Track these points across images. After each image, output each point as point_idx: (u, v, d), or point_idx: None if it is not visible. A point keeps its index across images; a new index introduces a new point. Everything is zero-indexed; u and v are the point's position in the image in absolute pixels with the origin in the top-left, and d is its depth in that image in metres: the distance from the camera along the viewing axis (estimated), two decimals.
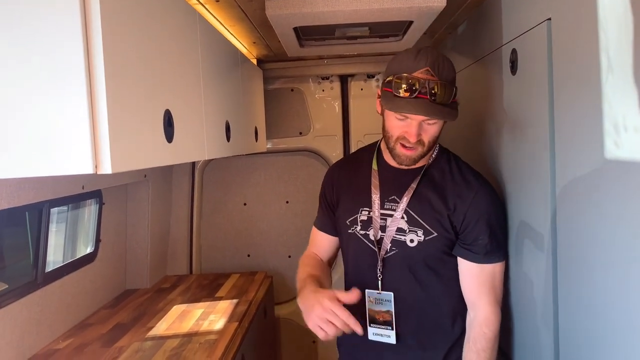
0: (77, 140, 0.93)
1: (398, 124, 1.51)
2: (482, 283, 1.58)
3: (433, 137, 1.53)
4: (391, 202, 1.63)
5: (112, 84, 0.96)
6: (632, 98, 0.98)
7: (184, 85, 1.43)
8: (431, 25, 2.21)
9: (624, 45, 1.00)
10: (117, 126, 0.97)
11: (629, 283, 1.01)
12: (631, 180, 0.99)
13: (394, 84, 1.45)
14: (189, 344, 2.06)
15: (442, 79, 1.44)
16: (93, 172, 0.93)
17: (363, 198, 1.67)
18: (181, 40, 1.44)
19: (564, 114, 1.28)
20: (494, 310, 1.58)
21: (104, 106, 0.93)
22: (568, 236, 1.29)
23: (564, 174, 1.30)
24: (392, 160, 1.64)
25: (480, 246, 1.56)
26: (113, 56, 0.97)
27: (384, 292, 1.63)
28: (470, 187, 1.59)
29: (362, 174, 1.72)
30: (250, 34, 2.34)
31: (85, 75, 0.93)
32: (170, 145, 1.27)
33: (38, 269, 2.03)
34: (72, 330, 2.25)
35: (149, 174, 2.74)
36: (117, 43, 1.00)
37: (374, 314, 1.65)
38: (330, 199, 1.80)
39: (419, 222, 1.58)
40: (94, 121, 0.93)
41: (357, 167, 1.76)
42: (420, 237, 1.58)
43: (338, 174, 1.81)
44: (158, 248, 3.01)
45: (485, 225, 1.56)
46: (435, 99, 1.42)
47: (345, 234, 1.72)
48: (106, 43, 0.95)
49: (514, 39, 1.59)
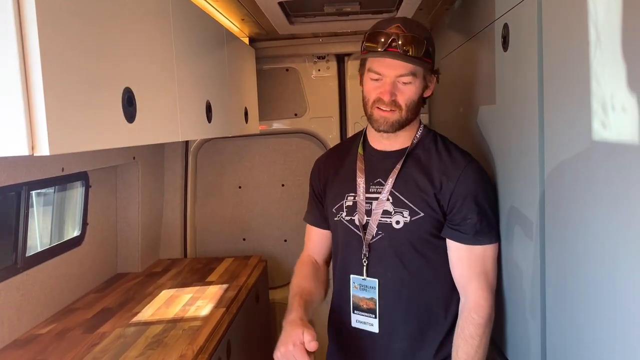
0: (12, 120, 0.86)
1: (373, 85, 1.49)
2: (471, 266, 1.51)
3: (409, 100, 1.49)
4: (376, 185, 1.58)
5: (49, 57, 0.89)
6: (620, 75, 0.89)
7: (150, 63, 1.35)
8: (427, 0, 2.11)
9: (613, 16, 0.91)
10: (56, 105, 0.90)
11: (615, 271, 0.94)
12: (617, 163, 0.91)
13: (365, 42, 1.48)
14: (172, 330, 2.01)
15: (412, 33, 1.45)
16: (29, 153, 0.87)
17: (348, 184, 1.64)
18: (146, 15, 1.36)
19: (553, 92, 1.19)
20: (484, 295, 1.50)
21: (39, 82, 0.86)
22: (556, 222, 1.21)
23: (553, 156, 1.22)
24: (378, 144, 1.62)
25: (469, 226, 1.49)
26: (50, 29, 0.90)
27: (369, 279, 1.58)
28: (456, 164, 1.53)
29: (348, 160, 1.68)
30: (237, 10, 2.25)
31: (18, 50, 0.85)
32: (132, 126, 1.20)
33: (18, 253, 1.99)
34: (57, 315, 2.21)
35: (137, 156, 2.68)
36: (55, 13, 0.92)
37: (358, 301, 1.61)
38: (318, 190, 1.76)
39: (405, 202, 1.53)
40: (29, 99, 0.86)
41: (343, 155, 1.71)
42: (407, 218, 1.51)
43: (324, 164, 1.77)
44: (150, 231, 2.96)
45: (474, 203, 1.49)
46: (407, 52, 1.43)
47: (332, 222, 1.68)
48: (41, 12, 0.87)
49: (505, 13, 1.50)
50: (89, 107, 1.02)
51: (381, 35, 1.44)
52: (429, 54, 1.49)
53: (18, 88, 0.86)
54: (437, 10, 2.41)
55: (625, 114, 0.88)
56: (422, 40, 1.46)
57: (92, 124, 1.03)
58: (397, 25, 1.45)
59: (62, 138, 0.91)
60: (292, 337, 1.40)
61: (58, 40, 0.93)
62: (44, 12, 0.88)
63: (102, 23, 1.11)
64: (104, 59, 1.10)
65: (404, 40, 1.43)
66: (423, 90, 1.53)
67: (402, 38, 1.43)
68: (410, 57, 1.43)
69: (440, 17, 2.54)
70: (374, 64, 1.47)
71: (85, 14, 1.04)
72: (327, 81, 3.17)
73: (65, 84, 0.94)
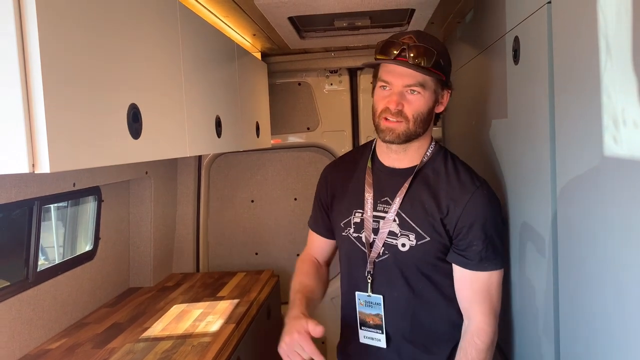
0: (12, 137, 0.86)
1: (382, 94, 1.47)
2: (476, 291, 1.48)
3: (417, 111, 1.45)
4: (384, 203, 1.55)
5: (51, 74, 0.89)
6: (631, 89, 0.86)
7: (157, 79, 1.36)
8: (438, 13, 2.10)
9: (623, 28, 0.89)
10: (58, 122, 0.90)
11: (629, 290, 0.90)
12: (629, 179, 0.88)
13: (376, 50, 1.47)
14: (182, 346, 2.00)
15: (424, 44, 1.43)
16: (29, 171, 0.86)
17: (356, 199, 1.60)
18: (154, 31, 1.36)
19: (564, 106, 1.16)
20: (487, 321, 1.46)
21: (40, 98, 0.86)
22: (569, 239, 1.18)
23: (564, 172, 1.18)
24: (386, 159, 1.58)
25: (474, 252, 1.46)
26: (53, 44, 0.90)
27: (374, 295, 1.56)
28: (465, 189, 1.48)
29: (356, 174, 1.65)
30: (248, 26, 2.26)
31: (20, 67, 0.85)
32: (137, 142, 1.19)
33: (29, 268, 1.99)
34: (68, 329, 2.21)
35: (150, 171, 2.69)
36: (58, 27, 0.93)
37: (364, 317, 1.59)
38: (325, 200, 1.72)
39: (411, 225, 1.50)
40: (30, 116, 0.86)
41: (351, 168, 1.67)
42: (412, 242, 1.49)
43: (332, 175, 1.73)
44: (163, 246, 2.96)
45: (480, 230, 1.45)
46: (417, 62, 1.41)
47: (340, 236, 1.65)
48: (43, 27, 0.87)
49: (516, 26, 1.48)
50: (92, 124, 1.02)
51: (393, 45, 1.43)
52: (440, 66, 1.45)
53: (19, 105, 0.86)
54: (448, 24, 2.39)
55: (636, 129, 0.86)
56: (432, 51, 1.43)
57: (96, 141, 1.03)
58: (409, 37, 1.43)
59: (63, 155, 0.91)
60: (297, 327, 1.39)
61: (60, 57, 0.93)
62: (46, 27, 0.89)
63: (107, 39, 1.11)
64: (109, 75, 1.10)
65: (415, 50, 1.41)
66: (434, 104, 1.49)
67: (413, 48, 1.41)
68: (419, 66, 1.41)
69: (452, 30, 2.52)
70: (383, 73, 1.45)
71: (89, 28, 1.04)
72: (339, 95, 3.16)
73: (67, 101, 0.94)
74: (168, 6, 1.47)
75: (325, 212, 1.72)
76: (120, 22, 1.17)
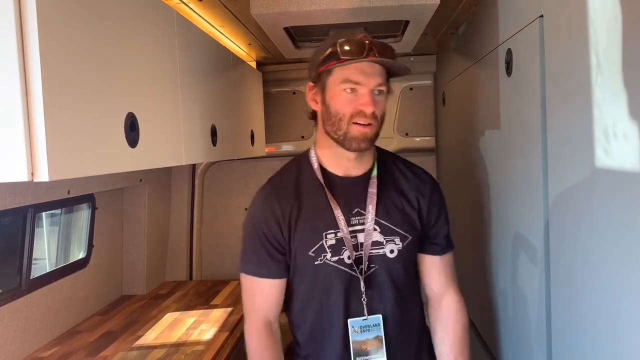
0: (12, 146, 0.86)
1: (348, 98, 1.33)
2: (447, 274, 1.52)
3: (383, 112, 1.38)
4: (356, 215, 1.43)
5: (51, 83, 0.90)
6: (621, 102, 0.88)
7: (154, 88, 1.37)
8: (432, 25, 2.13)
9: (613, 43, 0.91)
10: (57, 131, 0.91)
11: (620, 299, 0.92)
12: (619, 191, 0.89)
13: (340, 50, 1.30)
14: (175, 355, 1.99)
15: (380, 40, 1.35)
16: (29, 179, 0.87)
17: (323, 221, 1.42)
18: (151, 41, 1.38)
19: (556, 118, 1.18)
20: (460, 298, 1.53)
21: (40, 108, 0.87)
22: (561, 249, 1.19)
23: (556, 182, 1.20)
24: (338, 169, 1.45)
25: (442, 237, 1.51)
26: (52, 54, 0.91)
27: (371, 317, 1.44)
28: (424, 181, 1.51)
29: (309, 195, 1.44)
30: (244, 35, 2.28)
31: (20, 76, 0.86)
32: (134, 150, 1.20)
33: (22, 275, 1.99)
34: (60, 337, 2.20)
35: (144, 178, 2.69)
36: (58, 38, 0.94)
37: (359, 346, 1.44)
38: (277, 237, 1.43)
39: (393, 229, 1.43)
40: (30, 125, 0.87)
41: (298, 190, 1.45)
42: (399, 245, 1.43)
43: (280, 204, 1.43)
44: (156, 253, 2.96)
45: (443, 215, 1.52)
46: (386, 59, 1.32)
47: (310, 267, 1.42)
48: (44, 37, 0.88)
49: (509, 39, 1.51)
50: (90, 132, 1.03)
51: (360, 44, 1.30)
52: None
53: (19, 114, 0.86)
54: (442, 35, 2.42)
55: (627, 142, 0.87)
56: (391, 47, 1.36)
57: (94, 150, 1.04)
58: (364, 35, 1.33)
59: (62, 164, 0.92)
60: None
61: (60, 66, 0.94)
62: (46, 37, 0.90)
63: (105, 49, 1.12)
64: (108, 85, 1.11)
65: (381, 47, 1.31)
66: None
67: (378, 45, 1.31)
68: (393, 60, 1.32)
69: (446, 41, 2.55)
70: (352, 74, 1.32)
71: (88, 38, 1.05)
72: None
73: (66, 110, 0.95)
74: (166, 16, 1.48)
75: (276, 248, 1.43)
76: (118, 32, 1.18)
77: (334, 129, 1.37)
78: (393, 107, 3.21)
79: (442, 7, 1.75)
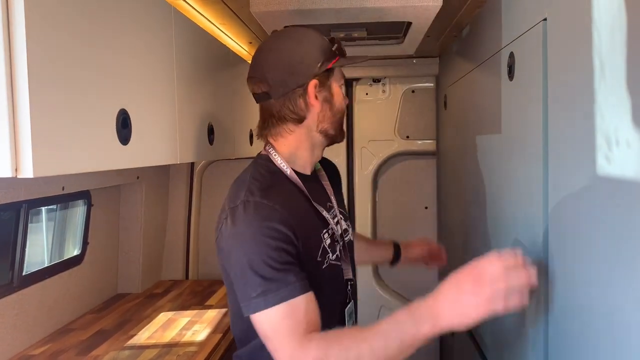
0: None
1: (342, 95, 1.45)
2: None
3: None
4: (329, 209, 1.43)
5: (37, 77, 0.87)
6: (624, 108, 0.85)
7: (149, 85, 1.34)
8: (435, 27, 2.10)
9: (617, 48, 0.88)
10: (43, 126, 0.88)
11: (620, 312, 0.89)
12: (621, 200, 0.87)
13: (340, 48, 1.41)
14: (167, 355, 1.97)
15: None
16: (12, 175, 0.84)
17: (315, 222, 1.36)
18: (147, 38, 1.35)
19: (558, 124, 1.15)
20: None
21: (25, 101, 0.85)
22: (560, 260, 1.17)
23: (556, 190, 1.17)
24: (308, 168, 1.43)
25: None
26: (40, 49, 0.89)
27: (350, 303, 1.45)
28: (329, 162, 1.63)
29: (296, 197, 1.35)
30: (245, 34, 2.25)
31: (6, 69, 0.84)
32: (126, 148, 1.18)
33: (14, 272, 1.97)
34: (52, 335, 2.18)
35: (141, 176, 2.67)
36: (47, 35, 0.91)
37: None
38: (295, 248, 1.24)
39: (346, 215, 1.55)
40: (14, 119, 0.85)
41: (288, 194, 1.33)
42: (350, 228, 1.55)
43: (288, 214, 1.25)
44: (152, 252, 2.94)
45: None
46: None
47: (320, 271, 1.33)
48: (31, 32, 0.86)
49: (512, 42, 1.48)
50: (79, 129, 1.01)
51: (338, 42, 1.41)
52: None
53: (4, 109, 0.84)
54: (445, 38, 2.39)
55: (629, 149, 0.85)
56: None
57: (82, 146, 1.01)
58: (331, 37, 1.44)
59: (48, 160, 0.89)
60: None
61: (48, 61, 0.91)
62: (34, 29, 0.87)
63: (98, 43, 1.10)
64: (99, 80, 1.09)
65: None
66: None
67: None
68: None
69: (449, 44, 2.52)
70: (341, 72, 1.44)
71: (79, 32, 1.02)
72: None
73: (54, 106, 0.92)
74: (162, 12, 1.46)
75: (299, 263, 1.24)
76: (113, 27, 1.16)
77: (334, 126, 1.40)
78: (395, 110, 3.18)
79: (444, 9, 1.72)
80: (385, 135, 3.20)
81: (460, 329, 1.10)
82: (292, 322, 1.16)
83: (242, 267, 1.19)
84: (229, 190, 1.35)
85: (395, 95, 3.17)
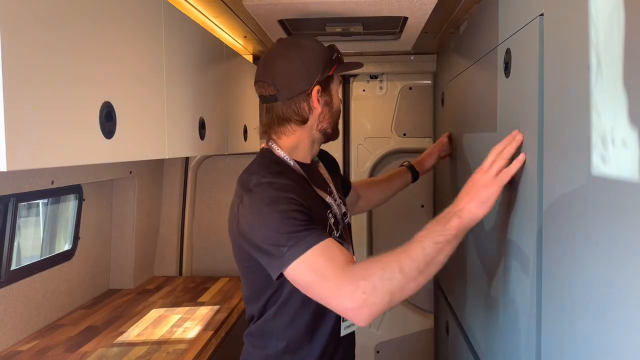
0: None
1: (339, 97, 1.62)
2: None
3: None
4: (329, 193, 1.60)
5: (12, 69, 0.84)
6: (621, 107, 0.82)
7: (136, 78, 1.31)
8: (432, 23, 2.07)
9: (614, 45, 0.85)
10: (18, 118, 0.85)
11: (614, 312, 0.86)
12: (616, 200, 0.84)
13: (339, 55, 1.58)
14: (156, 353, 1.94)
15: None
16: None
17: (319, 205, 1.50)
18: (134, 29, 1.32)
19: (553, 122, 1.13)
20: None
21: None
22: (553, 259, 1.14)
23: (551, 189, 1.15)
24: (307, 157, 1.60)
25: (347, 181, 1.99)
26: (15, 38, 0.85)
27: None
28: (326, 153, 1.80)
29: (302, 182, 1.49)
30: (239, 28, 2.22)
31: None
32: (110, 142, 1.15)
33: (2, 266, 1.94)
34: (41, 331, 2.16)
35: (134, 170, 2.64)
36: (24, 21, 0.88)
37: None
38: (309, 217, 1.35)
39: (343, 199, 1.69)
40: None
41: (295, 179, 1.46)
42: (346, 210, 1.68)
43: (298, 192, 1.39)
44: (145, 247, 2.91)
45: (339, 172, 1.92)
46: None
47: None
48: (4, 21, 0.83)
49: (508, 38, 1.45)
50: (59, 121, 0.98)
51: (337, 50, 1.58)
52: None
53: None
54: (442, 34, 2.36)
55: (625, 149, 0.82)
56: None
57: (62, 139, 0.98)
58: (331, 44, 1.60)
59: (23, 153, 0.86)
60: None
61: (25, 51, 0.88)
62: (8, 17, 0.84)
63: (80, 33, 1.06)
64: (81, 72, 1.06)
65: None
66: None
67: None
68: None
69: (446, 40, 2.49)
70: (339, 76, 1.62)
71: (59, 21, 0.99)
72: None
73: (30, 97, 0.89)
74: (150, 3, 1.43)
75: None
76: (95, 16, 1.13)
77: (332, 126, 1.59)
78: (392, 107, 3.15)
79: (441, 4, 1.69)
80: (382, 132, 3.17)
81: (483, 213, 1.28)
82: (329, 258, 1.25)
83: (266, 233, 1.29)
84: (237, 182, 1.44)
85: (393, 92, 3.14)
